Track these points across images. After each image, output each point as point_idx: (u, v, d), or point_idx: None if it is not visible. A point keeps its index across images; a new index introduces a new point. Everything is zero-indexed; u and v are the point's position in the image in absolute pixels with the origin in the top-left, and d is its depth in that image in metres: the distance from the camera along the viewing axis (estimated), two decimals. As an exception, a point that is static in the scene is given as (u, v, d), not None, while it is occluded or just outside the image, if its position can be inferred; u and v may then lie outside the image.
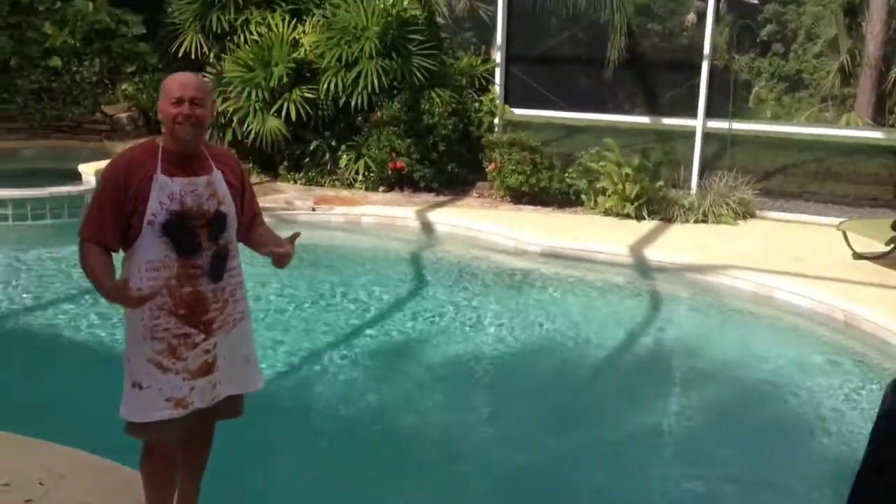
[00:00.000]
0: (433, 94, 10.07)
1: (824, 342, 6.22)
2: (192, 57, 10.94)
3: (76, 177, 9.32)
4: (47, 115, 11.46)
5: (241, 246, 3.14)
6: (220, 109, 10.26)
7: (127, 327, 2.95)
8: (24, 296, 6.72)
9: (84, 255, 2.88)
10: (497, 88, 10.79)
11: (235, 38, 10.77)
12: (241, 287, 3.10)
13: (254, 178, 10.65)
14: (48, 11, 11.34)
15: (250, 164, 10.73)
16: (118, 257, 2.94)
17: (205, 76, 10.61)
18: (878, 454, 1.54)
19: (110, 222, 2.86)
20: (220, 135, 10.43)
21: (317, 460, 4.48)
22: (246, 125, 10.20)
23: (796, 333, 6.45)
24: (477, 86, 10.81)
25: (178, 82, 2.92)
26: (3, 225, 8.50)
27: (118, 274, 2.93)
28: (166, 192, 2.86)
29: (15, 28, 11.16)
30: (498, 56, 10.84)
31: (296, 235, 3.15)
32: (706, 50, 9.75)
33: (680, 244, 8.20)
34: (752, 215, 9.28)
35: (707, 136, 9.93)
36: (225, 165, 3.06)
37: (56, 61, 11.26)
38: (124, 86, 11.53)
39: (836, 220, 8.18)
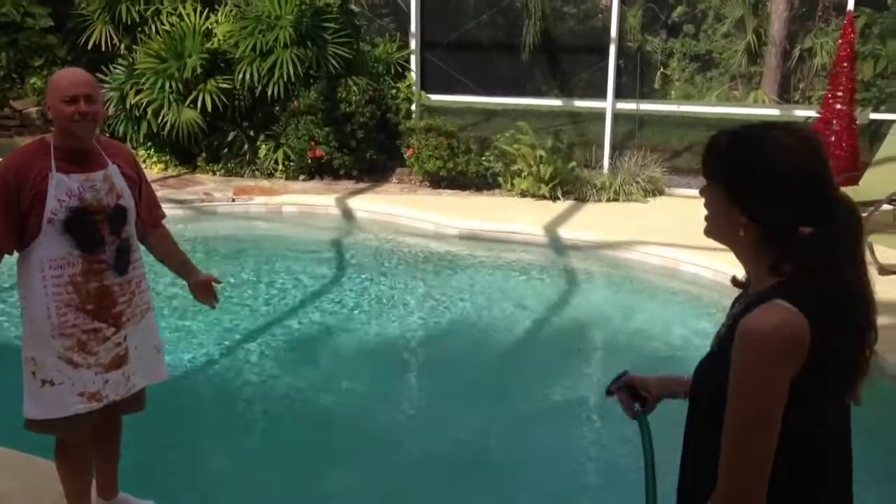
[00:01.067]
0: (350, 82, 10.15)
1: (725, 310, 6.56)
2: (102, 49, 10.76)
3: (-15, 174, 9.12)
4: (-48, 112, 11.14)
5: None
6: (133, 101, 10.14)
7: (28, 325, 2.96)
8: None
9: None
10: (413, 75, 10.91)
11: (146, 29, 10.64)
12: (145, 278, 3.18)
13: (171, 171, 10.58)
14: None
15: (167, 157, 10.65)
16: (11, 260, 2.96)
17: (116, 68, 10.47)
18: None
19: (2, 225, 2.87)
20: (136, 127, 10.32)
21: (241, 448, 4.57)
22: (161, 117, 10.10)
23: (700, 303, 6.79)
24: (393, 73, 10.91)
25: (70, 80, 2.91)
26: None
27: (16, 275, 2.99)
28: (64, 189, 2.88)
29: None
30: (413, 43, 10.96)
31: (216, 280, 3.34)
32: (613, 32, 10.04)
33: (592, 222, 8.50)
34: (661, 193, 9.65)
35: (617, 116, 10.25)
36: (119, 158, 3.10)
37: (-41, 56, 10.95)
38: (33, 79, 11.28)
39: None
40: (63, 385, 2.94)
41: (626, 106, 10.38)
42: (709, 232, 1.72)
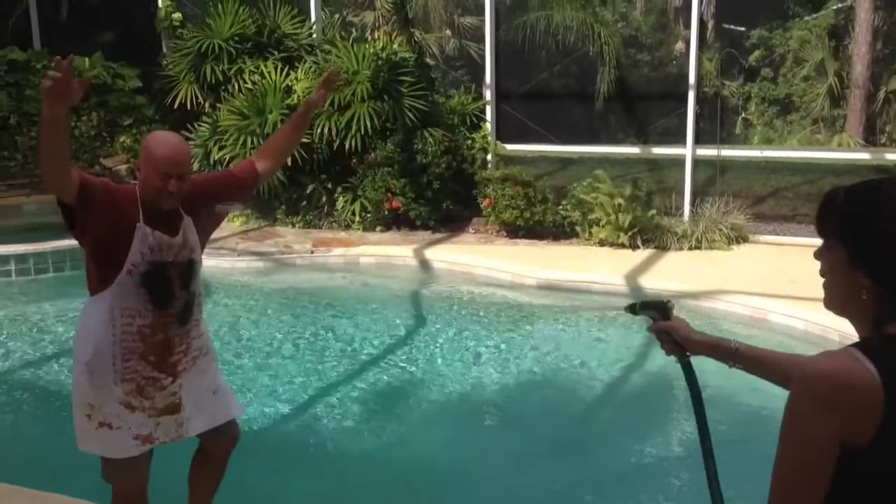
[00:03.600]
0: (426, 134, 10.24)
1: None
2: (188, 108, 11.13)
3: (77, 230, 9.44)
4: (47, 171, 11.62)
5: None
6: (216, 157, 10.42)
7: (86, 371, 2.97)
8: (28, 350, 6.79)
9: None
10: (488, 125, 10.95)
11: (229, 88, 10.96)
12: (201, 324, 3.17)
13: (252, 224, 10.79)
14: (45, 69, 11.54)
15: (248, 210, 10.88)
16: (77, 299, 3.01)
17: (200, 125, 10.79)
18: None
19: (92, 187, 2.82)
20: (218, 182, 10.56)
21: (321, 498, 4.51)
22: (242, 172, 10.32)
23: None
24: (469, 123, 10.97)
25: (167, 157, 2.89)
26: (6, 280, 8.60)
27: (83, 315, 3.05)
28: (147, 243, 2.91)
29: (13, 86, 11.37)
30: (488, 93, 11.02)
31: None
32: (691, 79, 9.90)
33: (674, 271, 8.28)
34: (746, 240, 9.37)
35: (697, 163, 10.06)
36: (191, 203, 3.05)
37: (54, 117, 11.45)
38: (122, 138, 11.71)
39: None
40: (121, 429, 2.97)
41: (707, 152, 10.18)
42: (830, 302, 1.57)
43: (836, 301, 1.55)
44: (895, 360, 1.38)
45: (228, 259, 9.30)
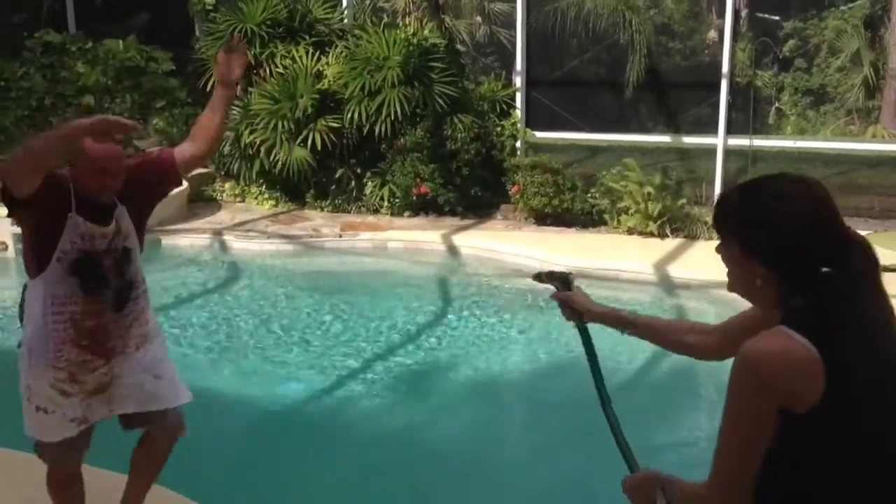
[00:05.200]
0: (455, 120, 10.24)
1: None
2: (220, 91, 11.20)
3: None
4: (81, 152, 11.77)
5: None
6: (247, 141, 10.51)
7: (26, 355, 3.03)
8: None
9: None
10: (518, 112, 10.92)
11: (261, 72, 11.02)
12: (145, 312, 3.17)
13: (281, 207, 10.88)
14: (80, 51, 11.69)
15: (278, 194, 10.97)
16: (17, 282, 3.04)
17: (231, 109, 10.87)
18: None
19: (47, 184, 2.81)
20: (249, 165, 10.68)
21: (346, 479, 4.58)
22: (273, 155, 10.42)
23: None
24: (498, 110, 10.94)
25: (106, 156, 2.92)
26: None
27: (21, 302, 3.08)
28: (78, 232, 2.92)
29: (48, 68, 11.52)
30: (518, 80, 10.99)
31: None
32: (724, 68, 9.81)
33: (703, 261, 8.23)
34: (776, 230, 9.28)
35: (728, 152, 9.98)
36: (124, 190, 3.04)
37: (89, 99, 11.57)
38: (155, 120, 11.82)
39: (861, 234, 8.17)
40: (55, 414, 3.02)
41: (738, 142, 10.09)
42: (731, 286, 1.75)
43: (738, 288, 1.73)
44: (822, 328, 1.52)
45: (258, 241, 9.40)
